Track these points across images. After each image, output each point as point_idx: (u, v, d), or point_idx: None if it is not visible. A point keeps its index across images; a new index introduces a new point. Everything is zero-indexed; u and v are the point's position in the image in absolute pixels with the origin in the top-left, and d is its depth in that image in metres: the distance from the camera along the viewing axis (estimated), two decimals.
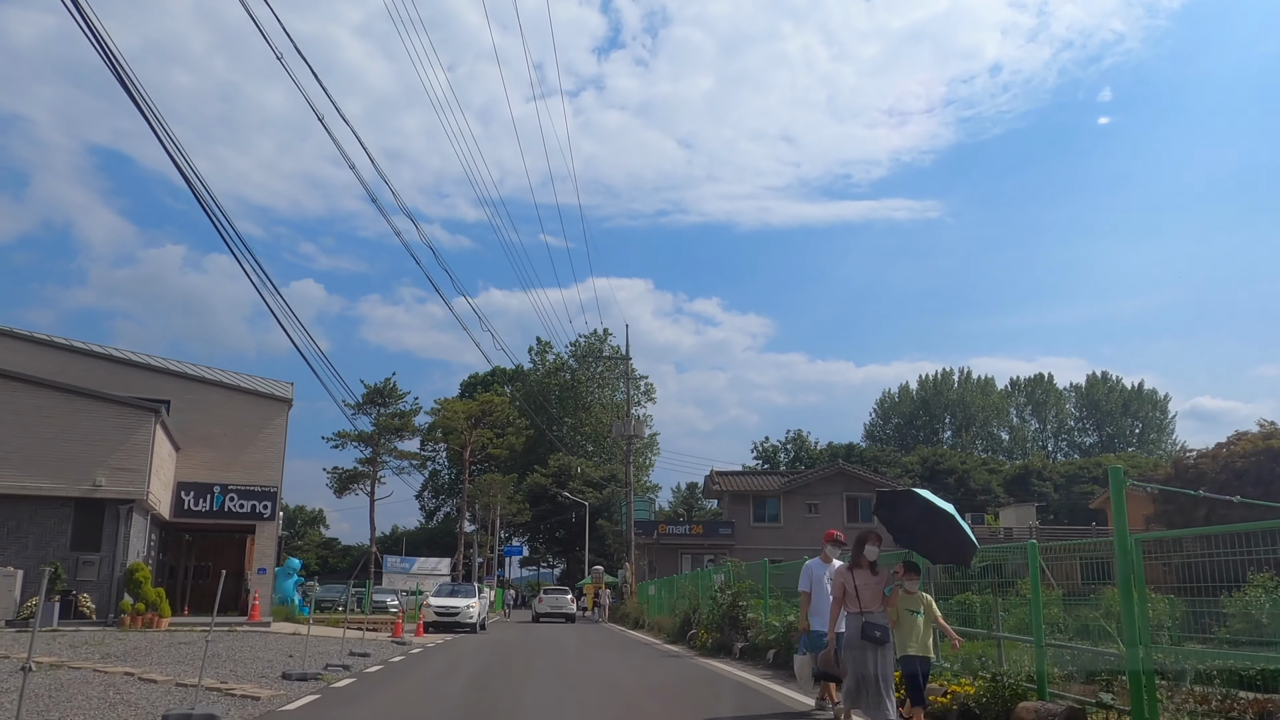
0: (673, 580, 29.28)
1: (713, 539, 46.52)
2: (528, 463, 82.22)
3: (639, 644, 23.16)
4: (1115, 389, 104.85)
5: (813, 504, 47.50)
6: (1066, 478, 72.22)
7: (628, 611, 37.00)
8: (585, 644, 22.73)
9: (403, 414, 38.73)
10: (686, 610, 22.83)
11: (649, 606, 32.96)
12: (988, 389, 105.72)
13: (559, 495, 73.13)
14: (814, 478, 47.75)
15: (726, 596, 17.92)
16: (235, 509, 26.27)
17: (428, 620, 28.72)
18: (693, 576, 25.35)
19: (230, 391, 26.84)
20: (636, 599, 38.87)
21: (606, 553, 72.27)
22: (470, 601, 28.97)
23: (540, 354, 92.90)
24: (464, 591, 30.28)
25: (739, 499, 47.46)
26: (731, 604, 17.68)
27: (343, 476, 39.96)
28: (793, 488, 47.48)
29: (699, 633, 19.85)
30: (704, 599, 20.72)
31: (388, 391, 39.80)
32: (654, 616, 31.32)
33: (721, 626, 17.79)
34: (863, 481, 47.43)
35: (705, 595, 20.62)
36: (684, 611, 23.05)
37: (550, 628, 33.44)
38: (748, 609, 17.63)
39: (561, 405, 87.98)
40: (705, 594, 20.78)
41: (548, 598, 39.43)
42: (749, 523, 47.20)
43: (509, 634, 28.80)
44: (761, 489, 47.75)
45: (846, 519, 47.28)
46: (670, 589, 29.81)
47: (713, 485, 48.48)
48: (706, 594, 20.55)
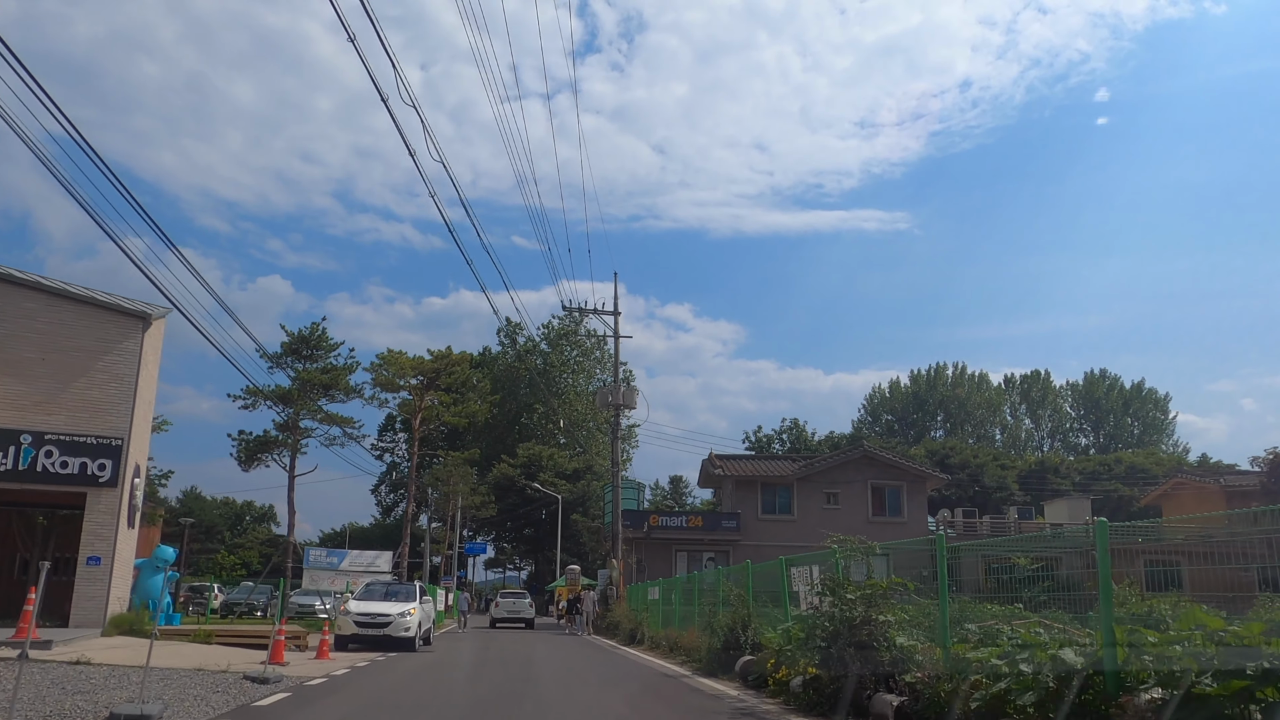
0: (692, 581, 20.93)
1: (714, 533, 38.24)
2: (494, 452, 73.47)
3: (658, 678, 14.80)
4: (1115, 387, 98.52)
5: (832, 493, 39.40)
6: (1086, 475, 65.02)
7: (617, 621, 28.60)
8: (576, 679, 14.32)
9: (333, 369, 30.03)
10: (733, 624, 14.55)
11: (649, 616, 24.57)
12: (982, 385, 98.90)
13: (528, 488, 64.42)
14: (833, 463, 39.67)
15: (854, 604, 9.68)
16: (54, 468, 17.52)
17: (344, 633, 20.10)
18: (736, 573, 17.08)
19: (53, 300, 18.08)
20: (627, 605, 30.48)
21: (581, 552, 63.60)
22: (406, 608, 20.43)
23: (510, 336, 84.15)
24: (400, 594, 21.69)
25: (745, 486, 39.23)
26: (864, 618, 9.48)
27: (250, 444, 30.96)
28: (809, 474, 39.36)
29: (772, 664, 11.62)
30: (775, 611, 12.56)
31: (315, 340, 31.04)
32: (658, 630, 22.92)
33: (839, 657, 9.52)
34: (891, 469, 39.43)
35: (758, 600, 12.60)
36: (727, 626, 14.77)
37: (516, 643, 24.96)
38: (891, 629, 9.48)
39: (533, 391, 79.34)
40: (762, 597, 12.75)
41: (505, 602, 36.29)
42: (756, 514, 38.99)
43: (459, 654, 20.20)
44: (772, 475, 39.58)
45: (871, 512, 39.30)
46: (688, 593, 21.58)
47: (713, 469, 40.23)
48: (782, 598, 12.27)
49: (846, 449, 39.39)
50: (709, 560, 38.86)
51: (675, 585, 23.29)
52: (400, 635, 20.04)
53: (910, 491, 39.55)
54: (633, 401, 35.55)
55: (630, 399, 35.50)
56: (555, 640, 27.06)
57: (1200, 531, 9.39)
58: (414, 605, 20.88)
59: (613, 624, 29.10)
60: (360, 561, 30.54)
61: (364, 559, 30.92)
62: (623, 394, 35.31)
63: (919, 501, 39.65)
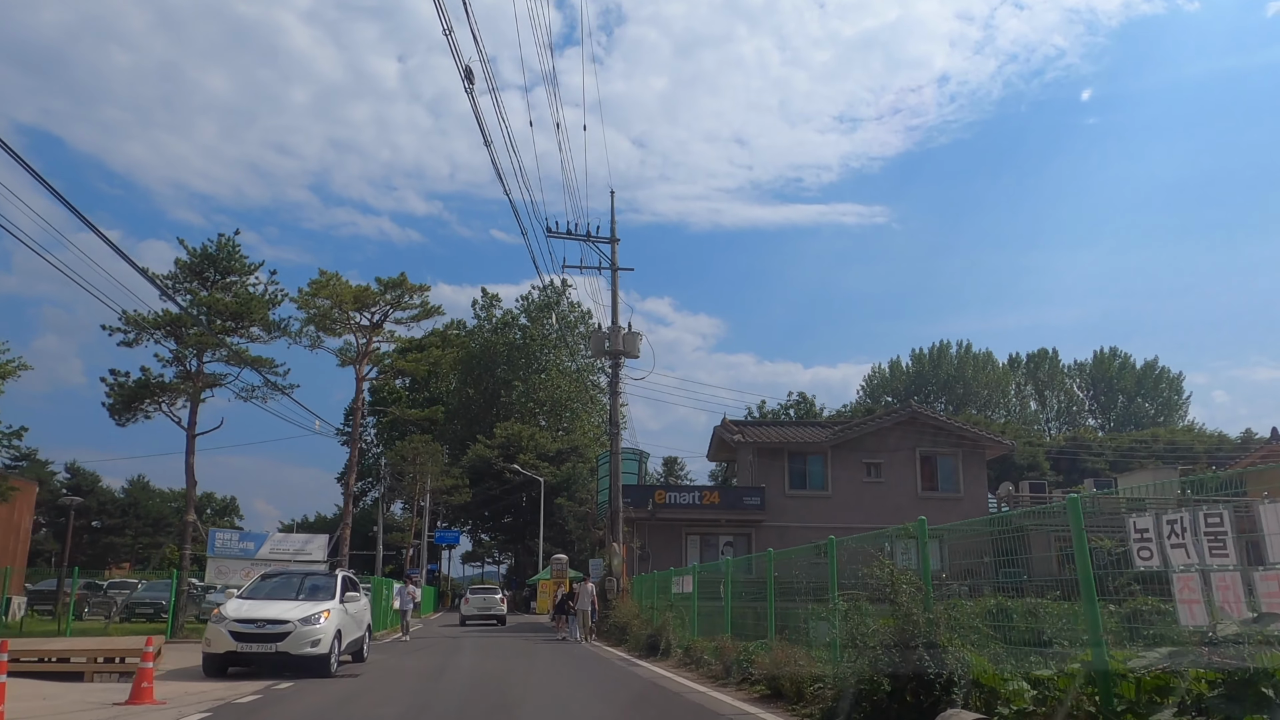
0: (759, 564, 13.76)
1: (733, 512, 31.08)
2: (469, 435, 65.99)
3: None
4: (1126, 366, 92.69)
5: (873, 463, 32.37)
6: (1121, 453, 58.68)
7: (623, 622, 21.40)
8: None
9: (248, 297, 22.36)
10: (906, 637, 7.39)
11: (676, 620, 17.30)
12: (987, 365, 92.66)
13: (506, 470, 57.01)
14: (874, 427, 32.61)
15: None
16: None
17: (215, 650, 12.79)
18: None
19: None
20: (632, 601, 23.30)
21: (566, 541, 56.30)
22: (316, 610, 13.14)
23: (486, 308, 76.63)
24: (311, 589, 14.34)
25: (769, 457, 32.11)
26: None
27: (125, 388, 23.02)
28: (845, 440, 32.33)
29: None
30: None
31: (224, 257, 23.25)
32: (692, 638, 15.72)
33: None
34: (944, 435, 32.44)
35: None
36: (894, 640, 7.60)
37: (487, 657, 17.63)
38: None
39: (511, 368, 71.89)
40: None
41: (475, 598, 33.24)
42: (783, 490, 31.88)
43: (398, 682, 12.81)
44: (801, 442, 32.47)
45: (921, 486, 32.34)
46: (747, 586, 14.44)
47: (729, 436, 33.05)
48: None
49: (891, 410, 32.43)
50: (726, 546, 31.74)
51: (726, 572, 15.98)
52: (304, 653, 12.71)
53: (966, 461, 32.62)
54: (635, 348, 28.31)
55: (631, 345, 28.25)
56: (544, 651, 19.73)
57: None
58: (329, 606, 13.55)
59: (618, 626, 21.89)
60: (285, 548, 23.14)
61: (290, 544, 23.47)
62: (622, 338, 28.06)
63: (976, 473, 32.73)
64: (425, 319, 27.47)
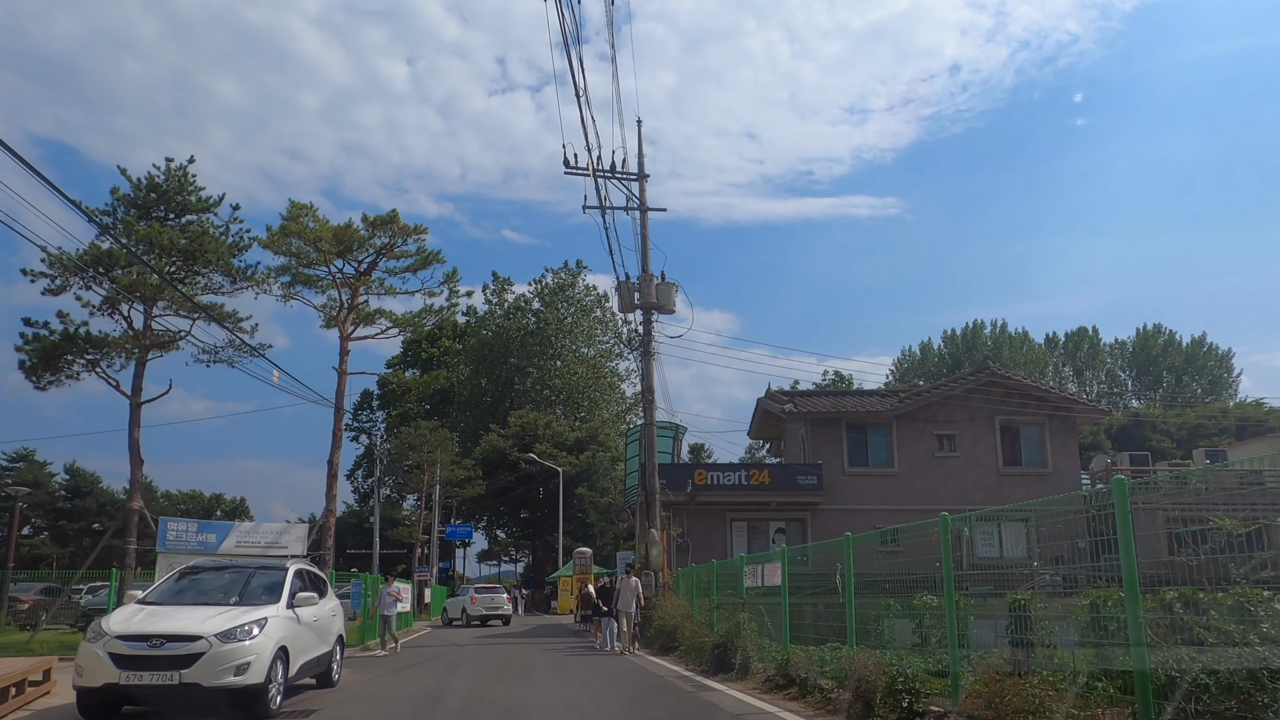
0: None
1: (786, 493, 26.60)
2: (481, 425, 61.82)
3: None
4: (1172, 344, 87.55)
5: (945, 435, 27.83)
6: (1188, 430, 53.78)
7: (671, 626, 17.00)
8: None
9: (201, 234, 17.97)
10: None
11: (751, 623, 12.84)
12: (1024, 345, 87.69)
13: (522, 462, 52.72)
14: (947, 393, 28.00)
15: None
16: None
17: (89, 683, 8.45)
18: None
19: None
20: (679, 599, 18.88)
21: (588, 535, 52.00)
22: (243, 620, 8.85)
23: (498, 293, 72.38)
24: (249, 588, 10.02)
25: (825, 430, 27.60)
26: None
27: (45, 344, 18.49)
28: (912, 409, 27.81)
29: None
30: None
31: (174, 190, 18.82)
32: (792, 650, 11.30)
33: None
34: (1029, 401, 27.81)
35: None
36: None
37: (508, 687, 13.28)
38: None
39: (524, 354, 67.61)
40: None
41: (482, 598, 31.74)
42: (842, 468, 27.39)
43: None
44: (862, 411, 27.95)
45: (1002, 461, 27.80)
46: (800, 578, 10.09)
47: (776, 407, 28.56)
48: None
49: (965, 373, 27.83)
50: (778, 533, 27.30)
51: (784, 562, 11.52)
52: (224, 684, 8.39)
53: (1055, 432, 28.02)
54: (669, 301, 23.88)
55: (666, 297, 23.83)
56: (576, 668, 15.36)
57: None
58: (267, 613, 9.24)
59: (662, 631, 17.46)
60: (255, 540, 18.85)
61: (260, 536, 19.14)
62: (655, 288, 23.66)
63: (1066, 445, 28.13)
64: (423, 268, 23.18)
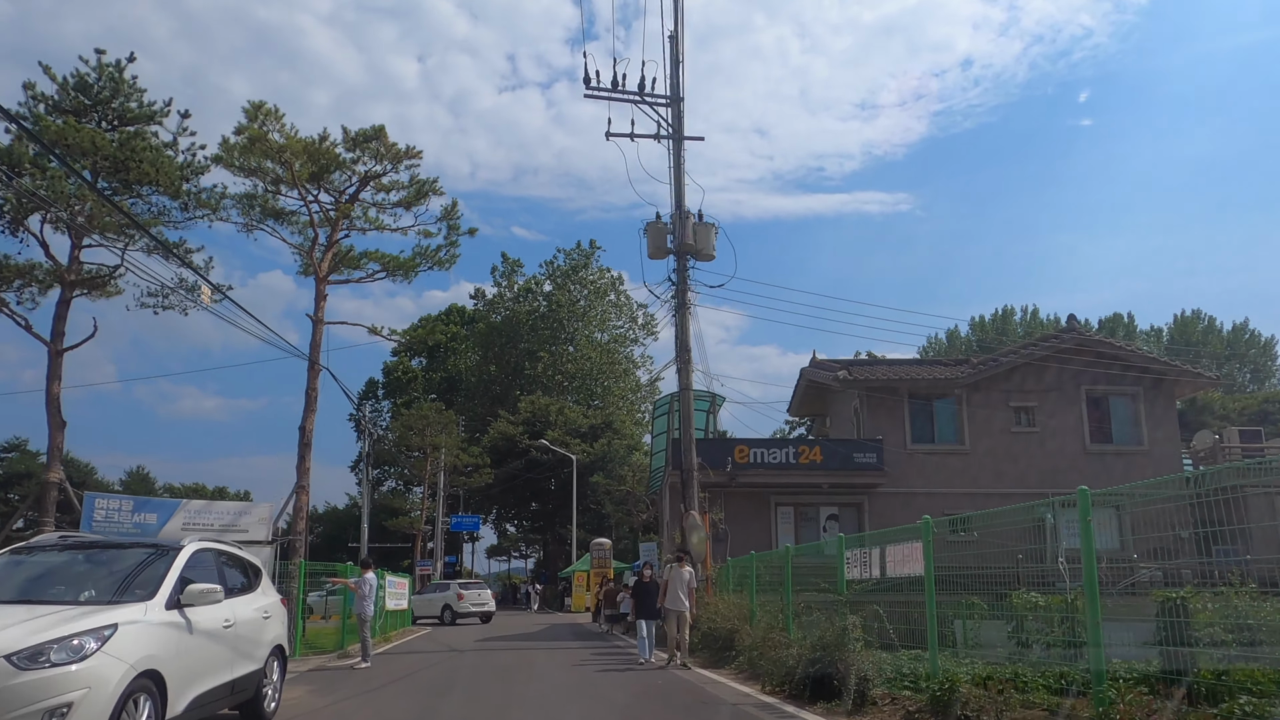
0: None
1: (841, 474, 22.78)
2: (491, 414, 58.19)
3: None
4: (1212, 330, 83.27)
5: (1024, 409, 24.00)
6: (1250, 416, 49.64)
7: (720, 630, 13.29)
8: None
9: (130, 137, 14.17)
10: None
11: (857, 626, 9.07)
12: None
13: (533, 450, 49.05)
14: (1025, 359, 24.11)
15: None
16: None
17: None
18: None
19: None
20: (728, 596, 15.13)
21: (603, 527, 48.26)
22: (71, 629, 5.15)
23: (507, 275, 68.74)
24: (111, 577, 6.33)
25: (882, 402, 23.79)
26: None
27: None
28: (985, 377, 23.99)
29: None
30: None
31: (107, 92, 15.10)
32: (957, 673, 7.46)
33: None
34: (1120, 368, 23.91)
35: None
36: None
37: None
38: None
39: (535, 339, 63.99)
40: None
41: (469, 594, 30.26)
42: (904, 444, 23.57)
43: None
44: (927, 379, 24.12)
45: (1090, 437, 23.93)
46: None
47: (825, 376, 24.78)
48: None
49: (1047, 336, 23.86)
50: (830, 520, 23.52)
51: (840, 553, 7.93)
52: None
53: (1150, 403, 24.16)
54: (708, 244, 20.13)
55: (704, 240, 20.07)
56: (608, 688, 11.63)
57: None
58: (116, 618, 5.51)
59: (714, 636, 13.69)
60: (205, 521, 15.16)
61: (213, 516, 15.40)
62: (691, 228, 19.89)
63: (1164, 419, 24.26)
64: (417, 203, 19.23)
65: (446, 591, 30.75)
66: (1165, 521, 6.89)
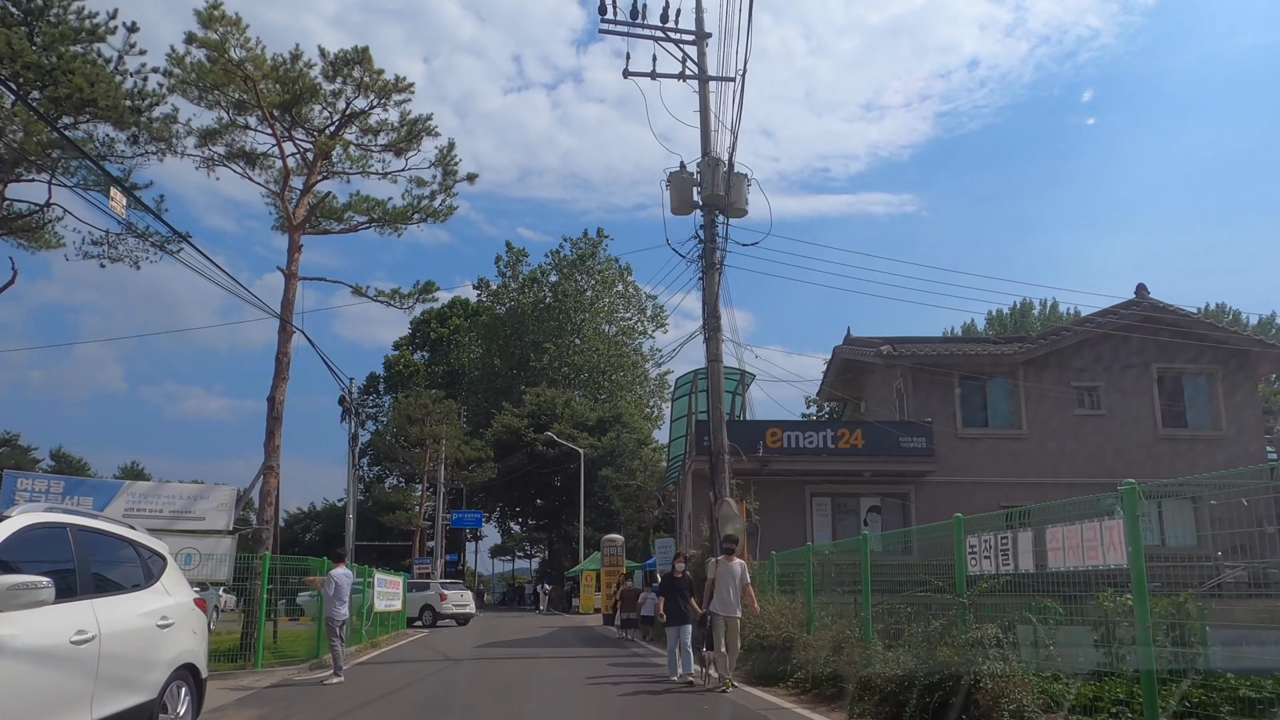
0: None
1: (886, 461, 20.20)
2: (495, 406, 55.73)
3: None
4: (1237, 323, 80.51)
5: (1087, 389, 21.45)
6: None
7: (771, 638, 10.78)
8: None
9: (56, 37, 11.86)
10: None
11: (1031, 647, 6.59)
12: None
13: (539, 444, 46.56)
14: (1087, 334, 21.52)
15: None
16: None
17: None
18: None
19: None
20: (775, 596, 12.61)
21: (613, 525, 45.72)
22: None
23: (512, 265, 66.28)
24: None
25: (929, 381, 21.26)
26: None
27: None
28: (1044, 354, 21.47)
29: None
30: None
31: (37, 3, 12.80)
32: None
33: None
34: (1195, 344, 21.34)
35: None
36: None
37: None
38: None
39: (540, 330, 61.53)
40: None
41: (451, 594, 28.48)
42: (954, 429, 21.03)
43: None
44: (979, 355, 21.58)
45: (1162, 420, 21.37)
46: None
47: (863, 355, 22.29)
48: None
49: (1113, 308, 21.37)
50: (871, 512, 20.99)
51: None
52: None
53: (1229, 384, 21.59)
54: (741, 196, 17.61)
55: (737, 191, 17.55)
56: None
57: None
58: None
59: (762, 646, 11.15)
60: (153, 506, 12.62)
61: (163, 501, 12.87)
62: (722, 177, 17.39)
63: (1245, 401, 21.68)
64: (408, 147, 16.69)
65: (427, 591, 28.44)
66: (1250, 516, 6.19)
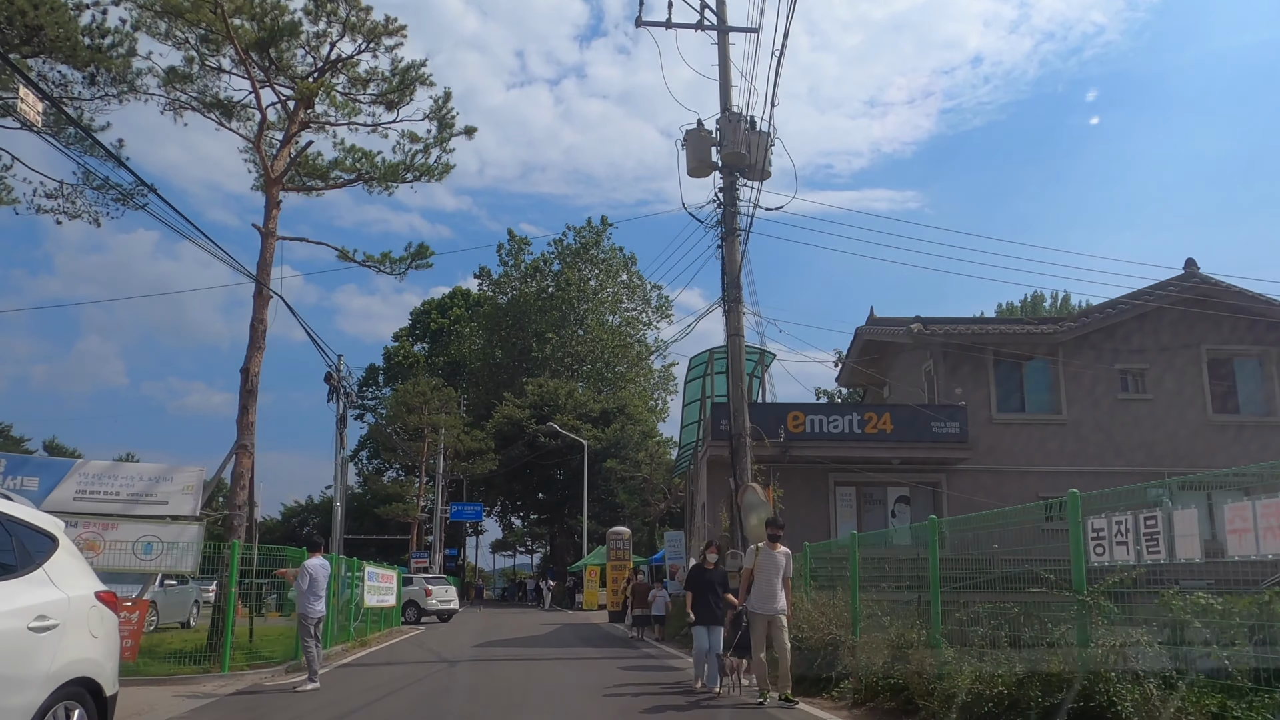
0: None
1: (916, 447, 18.70)
2: (496, 397, 54.31)
3: None
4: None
5: (1132, 372, 19.94)
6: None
7: (814, 641, 9.29)
8: None
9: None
10: None
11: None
12: None
13: (541, 435, 45.10)
14: (1133, 312, 20.00)
15: None
16: None
17: None
18: None
19: None
20: (809, 593, 11.14)
21: (617, 518, 44.35)
22: None
23: (514, 254, 64.78)
24: None
25: (962, 362, 19.77)
26: None
27: None
28: (1087, 333, 19.96)
29: None
30: None
31: None
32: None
33: None
34: (1249, 323, 19.82)
35: None
36: None
37: None
38: None
39: (543, 320, 60.05)
40: None
41: (436, 589, 27.75)
42: (989, 414, 19.55)
43: None
44: (1016, 335, 20.07)
45: (1213, 405, 19.86)
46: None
47: (892, 335, 20.82)
48: None
49: (1161, 284, 19.82)
50: (899, 502, 19.50)
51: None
52: None
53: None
54: (763, 157, 16.12)
55: (759, 151, 16.06)
56: None
57: None
58: None
59: (802, 651, 9.66)
60: (108, 489, 11.15)
61: (120, 482, 11.36)
62: (743, 136, 15.89)
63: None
64: (400, 99, 15.23)
65: (412, 586, 27.01)
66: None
